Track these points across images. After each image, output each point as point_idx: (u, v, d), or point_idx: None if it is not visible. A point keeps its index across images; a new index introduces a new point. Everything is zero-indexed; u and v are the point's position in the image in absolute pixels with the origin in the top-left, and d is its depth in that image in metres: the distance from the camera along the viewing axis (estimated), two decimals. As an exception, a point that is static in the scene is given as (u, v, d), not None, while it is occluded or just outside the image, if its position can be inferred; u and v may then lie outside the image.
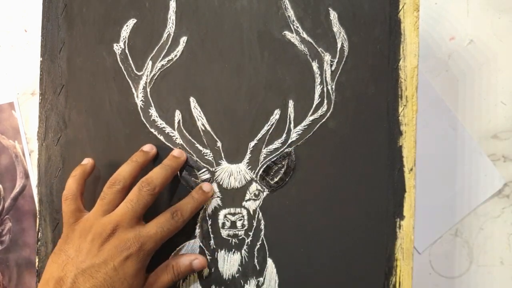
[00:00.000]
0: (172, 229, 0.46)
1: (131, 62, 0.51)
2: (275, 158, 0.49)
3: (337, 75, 0.49)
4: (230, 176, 0.49)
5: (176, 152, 0.49)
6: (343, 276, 0.49)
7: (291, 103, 0.50)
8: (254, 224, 0.49)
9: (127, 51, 0.51)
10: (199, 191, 0.48)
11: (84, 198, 0.48)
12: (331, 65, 0.50)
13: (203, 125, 0.50)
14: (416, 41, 0.49)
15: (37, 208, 0.51)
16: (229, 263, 0.49)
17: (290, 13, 0.50)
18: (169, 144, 0.50)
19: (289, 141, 0.49)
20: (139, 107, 0.51)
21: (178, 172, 0.50)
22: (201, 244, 0.50)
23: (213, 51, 0.50)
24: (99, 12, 0.52)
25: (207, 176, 0.50)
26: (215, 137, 0.50)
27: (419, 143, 0.49)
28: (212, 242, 0.49)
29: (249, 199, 0.49)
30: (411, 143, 0.48)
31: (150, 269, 0.46)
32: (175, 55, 0.51)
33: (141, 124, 0.51)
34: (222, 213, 0.49)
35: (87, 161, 0.49)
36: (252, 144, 0.50)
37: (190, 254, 0.49)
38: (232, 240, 0.49)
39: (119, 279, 0.42)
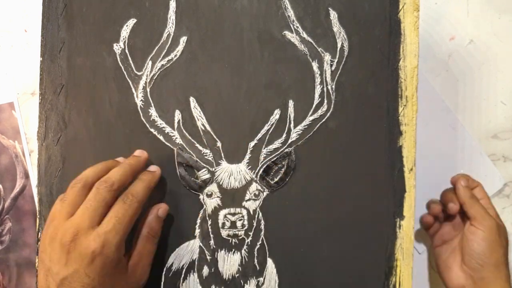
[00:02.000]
0: (130, 214, 0.44)
1: (131, 62, 0.51)
2: (275, 158, 0.49)
3: (337, 75, 0.49)
4: (230, 176, 0.49)
5: (137, 152, 0.49)
6: (343, 276, 0.49)
7: (291, 103, 0.50)
8: (254, 224, 0.49)
9: (127, 51, 0.51)
10: (146, 172, 0.48)
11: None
12: (331, 65, 0.50)
13: (203, 125, 0.50)
14: (416, 41, 0.49)
15: (37, 208, 0.51)
16: (229, 263, 0.49)
17: (290, 13, 0.50)
18: (168, 144, 0.50)
19: (289, 141, 0.49)
20: (139, 107, 0.51)
21: (178, 172, 0.50)
22: (201, 244, 0.50)
23: (213, 51, 0.50)
24: (99, 11, 0.52)
25: (207, 176, 0.50)
26: (215, 137, 0.50)
27: (419, 143, 0.49)
28: (212, 242, 0.49)
29: (249, 199, 0.49)
30: (411, 143, 0.48)
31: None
32: (175, 55, 0.51)
33: (141, 124, 0.51)
34: (222, 213, 0.49)
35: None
36: (252, 144, 0.50)
37: (152, 209, 0.48)
38: (232, 240, 0.49)
39: (97, 281, 0.41)
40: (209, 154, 0.50)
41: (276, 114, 0.50)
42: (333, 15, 0.50)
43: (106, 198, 0.43)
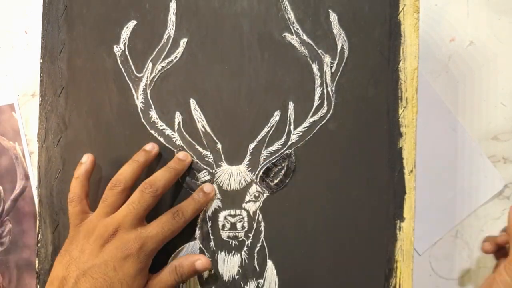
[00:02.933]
0: (174, 230, 0.46)
1: (131, 63, 0.51)
2: (275, 160, 0.49)
3: (337, 76, 0.49)
4: (230, 177, 0.49)
5: (181, 154, 0.49)
6: (343, 278, 0.49)
7: (291, 105, 0.50)
8: (254, 225, 0.49)
9: (127, 52, 0.51)
10: (200, 192, 0.48)
11: (88, 199, 0.48)
12: (331, 67, 0.50)
13: (203, 126, 0.50)
14: (416, 42, 0.49)
15: (37, 210, 0.51)
16: (229, 265, 0.49)
17: (290, 14, 0.50)
18: (169, 146, 0.50)
19: (289, 143, 0.49)
20: (139, 109, 0.51)
21: (178, 174, 0.50)
22: (201, 246, 0.50)
23: (213, 52, 0.50)
24: (99, 13, 0.52)
25: (207, 177, 0.50)
26: (215, 138, 0.50)
27: (419, 144, 0.49)
28: (212, 243, 0.49)
29: (249, 201, 0.49)
30: (411, 144, 0.48)
31: (151, 271, 0.46)
32: (175, 57, 0.51)
33: (141, 126, 0.51)
34: (222, 214, 0.49)
35: (87, 158, 0.49)
36: (252, 145, 0.50)
37: (193, 255, 0.48)
38: (232, 242, 0.49)
39: (118, 279, 0.42)
40: (209, 156, 0.50)
41: (276, 115, 0.50)
42: (333, 17, 0.50)
43: (150, 202, 0.45)
